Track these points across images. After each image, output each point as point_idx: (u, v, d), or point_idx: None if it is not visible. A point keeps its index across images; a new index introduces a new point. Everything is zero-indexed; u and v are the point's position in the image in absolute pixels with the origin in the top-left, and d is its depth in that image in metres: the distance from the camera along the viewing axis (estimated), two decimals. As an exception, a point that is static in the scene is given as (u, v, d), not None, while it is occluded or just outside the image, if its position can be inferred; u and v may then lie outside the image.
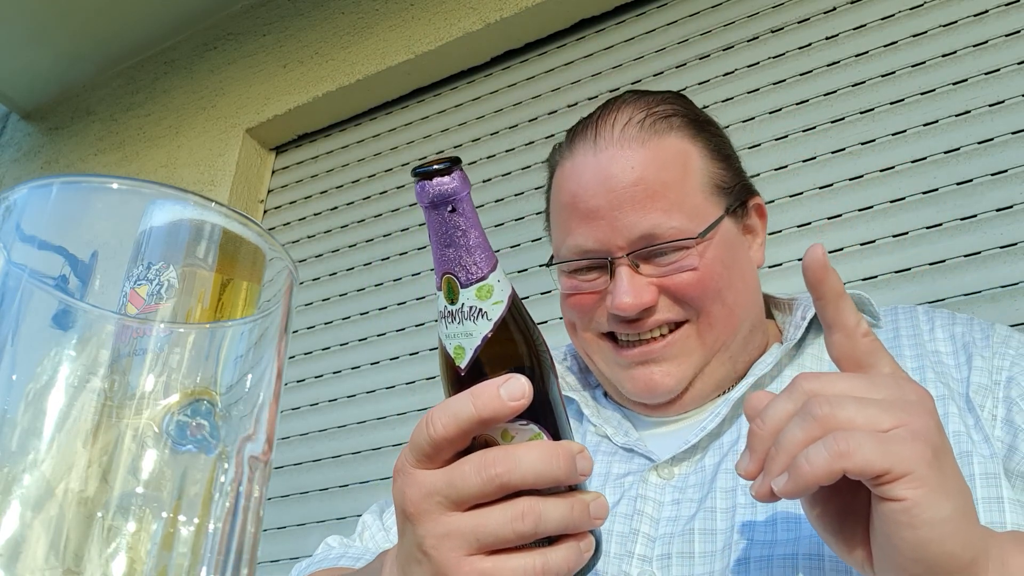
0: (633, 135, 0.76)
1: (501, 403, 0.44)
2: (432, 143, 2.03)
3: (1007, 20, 1.38)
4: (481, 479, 0.44)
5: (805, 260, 0.50)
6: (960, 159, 1.33)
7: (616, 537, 0.67)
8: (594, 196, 0.75)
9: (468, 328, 0.47)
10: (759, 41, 1.63)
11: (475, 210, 0.47)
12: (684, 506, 0.68)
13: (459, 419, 0.45)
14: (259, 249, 0.32)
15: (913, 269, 1.30)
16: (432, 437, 0.45)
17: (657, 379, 0.75)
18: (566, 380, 0.86)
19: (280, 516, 1.79)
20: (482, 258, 0.47)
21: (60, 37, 2.48)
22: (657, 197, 0.73)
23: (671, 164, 0.75)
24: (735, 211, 0.79)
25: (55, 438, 0.26)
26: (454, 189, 0.46)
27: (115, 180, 0.30)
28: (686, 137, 0.78)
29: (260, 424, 0.31)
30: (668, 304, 0.74)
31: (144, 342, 0.29)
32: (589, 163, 0.77)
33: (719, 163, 0.79)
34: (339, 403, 1.86)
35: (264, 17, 2.38)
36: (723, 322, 0.75)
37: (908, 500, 0.42)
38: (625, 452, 0.76)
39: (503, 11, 1.88)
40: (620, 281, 0.74)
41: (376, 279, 1.96)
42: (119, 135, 2.55)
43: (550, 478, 0.45)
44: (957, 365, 0.70)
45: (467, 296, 0.47)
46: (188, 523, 0.28)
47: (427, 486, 0.46)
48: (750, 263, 0.80)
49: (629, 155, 0.75)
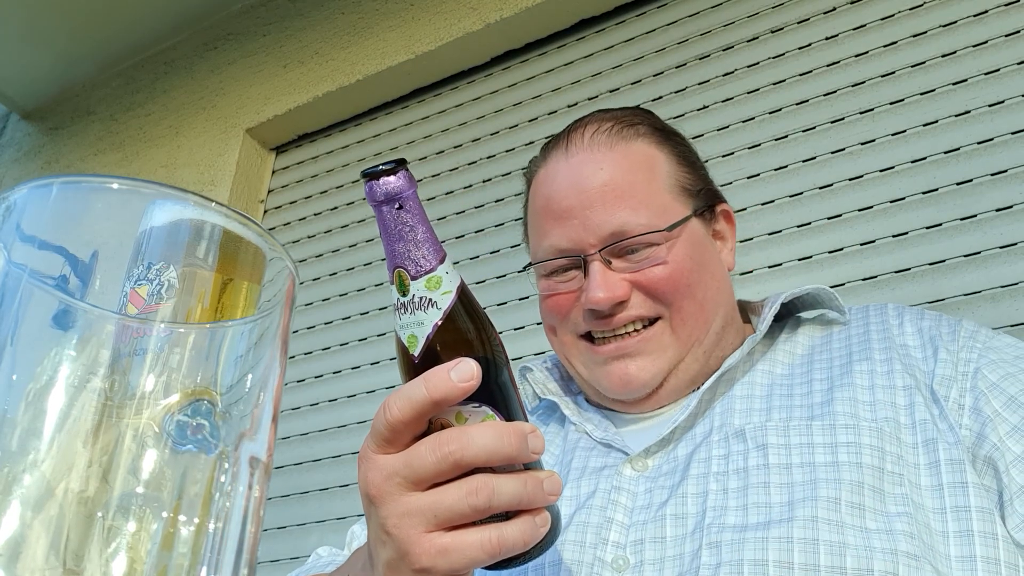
0: (602, 140, 0.81)
1: (451, 385, 0.47)
2: (432, 143, 2.03)
3: (1007, 20, 1.38)
4: (436, 457, 0.47)
5: None
6: (960, 159, 1.33)
7: (591, 528, 0.69)
8: (566, 197, 0.79)
9: (419, 318, 0.50)
10: (759, 41, 1.63)
11: (422, 207, 0.50)
12: (656, 494, 0.70)
13: (413, 402, 0.47)
14: (259, 249, 0.32)
15: (913, 269, 1.30)
16: (389, 421, 0.48)
17: (632, 373, 0.77)
18: (548, 386, 0.89)
19: (280, 516, 1.79)
20: (430, 251, 0.50)
21: (60, 37, 2.48)
22: (626, 196, 0.78)
23: (638, 166, 0.80)
24: (703, 214, 0.83)
25: (55, 438, 0.26)
26: (400, 187, 0.49)
27: (115, 180, 0.30)
28: (652, 144, 0.83)
29: (260, 424, 0.31)
30: (641, 299, 0.77)
31: (144, 342, 0.29)
32: (561, 167, 0.81)
33: (685, 168, 0.84)
34: (339, 403, 1.86)
35: (264, 17, 2.38)
36: (695, 317, 0.78)
37: None
38: (603, 447, 0.78)
39: (503, 11, 1.88)
40: (593, 277, 0.77)
41: (376, 279, 1.95)
42: (119, 135, 2.55)
43: (502, 455, 0.48)
44: (924, 358, 0.72)
45: (417, 287, 0.49)
46: (188, 523, 0.28)
47: (387, 468, 0.49)
48: (720, 265, 0.84)
49: (598, 157, 0.80)
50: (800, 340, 0.81)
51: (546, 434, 0.85)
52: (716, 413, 0.74)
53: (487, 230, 1.83)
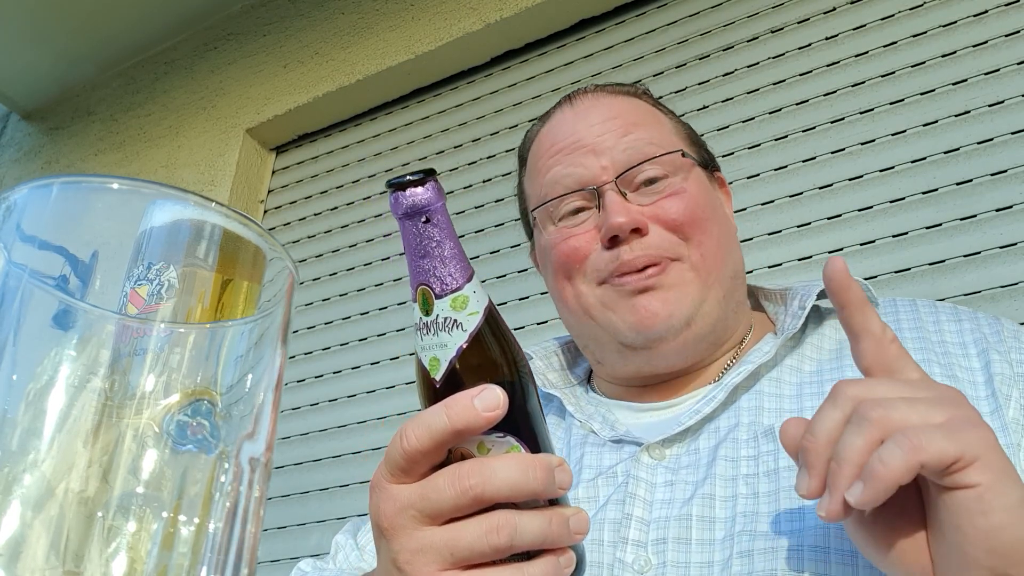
0: (606, 93, 0.83)
1: (475, 414, 0.43)
2: (432, 143, 2.03)
3: (1007, 20, 1.38)
4: (455, 491, 0.44)
5: (827, 271, 0.51)
6: (960, 159, 1.33)
7: (609, 524, 0.66)
8: (573, 132, 0.78)
9: (443, 339, 0.46)
10: (759, 41, 1.63)
11: (450, 221, 0.47)
12: (678, 488, 0.66)
13: (432, 431, 0.44)
14: (259, 249, 0.32)
15: (913, 269, 1.30)
16: (406, 450, 0.45)
17: (656, 308, 0.73)
18: (547, 377, 0.85)
19: (280, 516, 1.79)
20: (457, 269, 0.46)
21: (60, 37, 2.48)
22: (638, 125, 0.78)
23: (643, 112, 0.82)
24: (707, 169, 0.83)
25: (55, 438, 0.26)
26: (428, 199, 0.45)
27: (115, 180, 0.30)
28: (651, 104, 0.85)
29: (260, 424, 0.31)
30: (659, 234, 0.75)
31: (144, 342, 0.29)
32: (566, 116, 0.81)
33: (686, 130, 0.86)
34: (339, 403, 1.86)
35: (264, 17, 2.38)
36: (713, 254, 0.76)
37: (981, 486, 0.41)
38: (613, 443, 0.74)
39: (503, 11, 1.88)
40: (611, 204, 0.74)
41: (376, 279, 1.95)
42: (119, 135, 2.55)
43: (526, 491, 0.44)
44: (966, 355, 0.69)
45: (442, 307, 0.46)
46: (188, 523, 0.28)
47: (401, 500, 0.45)
48: (727, 217, 0.83)
49: (605, 102, 0.81)
50: (827, 333, 0.77)
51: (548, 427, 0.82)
52: (743, 408, 0.70)
53: (487, 230, 1.83)
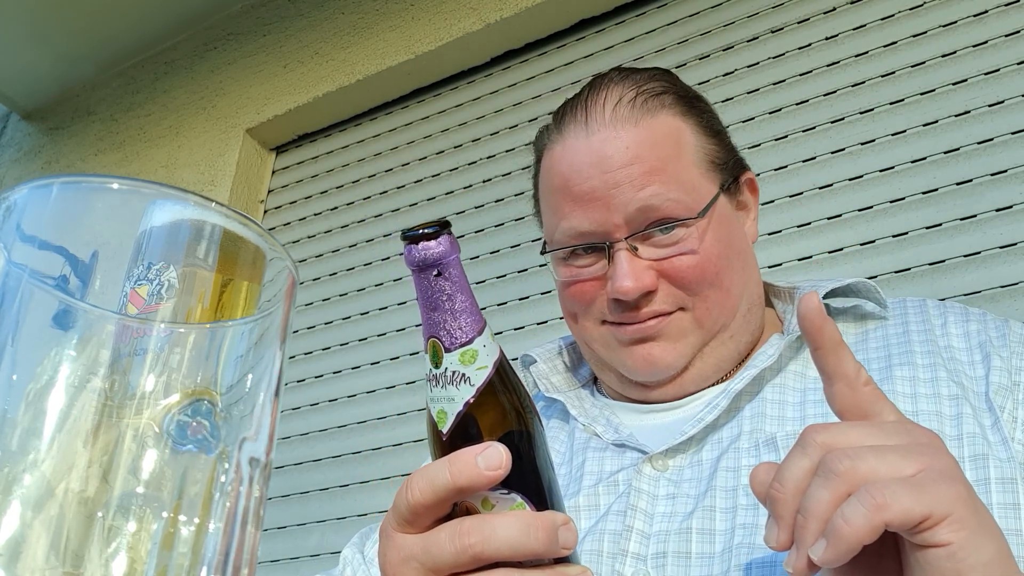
0: (625, 115, 0.75)
1: (477, 472, 0.43)
2: (432, 143, 2.03)
3: (1007, 20, 1.38)
4: (455, 548, 0.44)
5: (800, 309, 0.49)
6: (960, 159, 1.33)
7: (609, 536, 0.65)
8: (588, 179, 0.74)
9: (451, 393, 0.46)
10: (759, 41, 1.63)
11: (463, 273, 0.47)
12: (680, 502, 0.66)
13: (435, 486, 0.44)
14: (259, 249, 0.32)
15: (913, 269, 1.30)
16: (409, 503, 0.45)
17: (656, 354, 0.74)
18: (551, 381, 0.85)
19: (280, 516, 1.79)
20: (467, 322, 0.46)
21: (60, 37, 2.48)
22: (654, 172, 0.73)
23: (665, 142, 0.75)
24: (729, 188, 0.79)
25: (55, 438, 0.26)
26: (440, 253, 0.46)
27: (115, 180, 0.30)
28: (678, 115, 0.77)
29: (260, 424, 0.31)
30: (667, 289, 0.74)
31: (144, 342, 0.29)
32: (581, 146, 0.76)
33: (711, 139, 0.79)
34: (339, 403, 1.86)
35: (264, 17, 2.38)
36: (720, 305, 0.74)
37: (953, 544, 0.40)
38: (616, 448, 0.74)
39: (503, 11, 1.88)
40: (620, 265, 0.73)
41: (376, 279, 1.95)
42: (119, 135, 2.55)
43: (527, 550, 0.43)
44: (971, 363, 0.67)
45: (450, 361, 0.46)
46: (188, 523, 0.28)
47: (405, 550, 0.46)
48: (746, 240, 0.80)
49: (623, 135, 0.74)
50: None
51: (549, 429, 0.81)
52: (745, 416, 0.70)
53: (487, 230, 1.83)
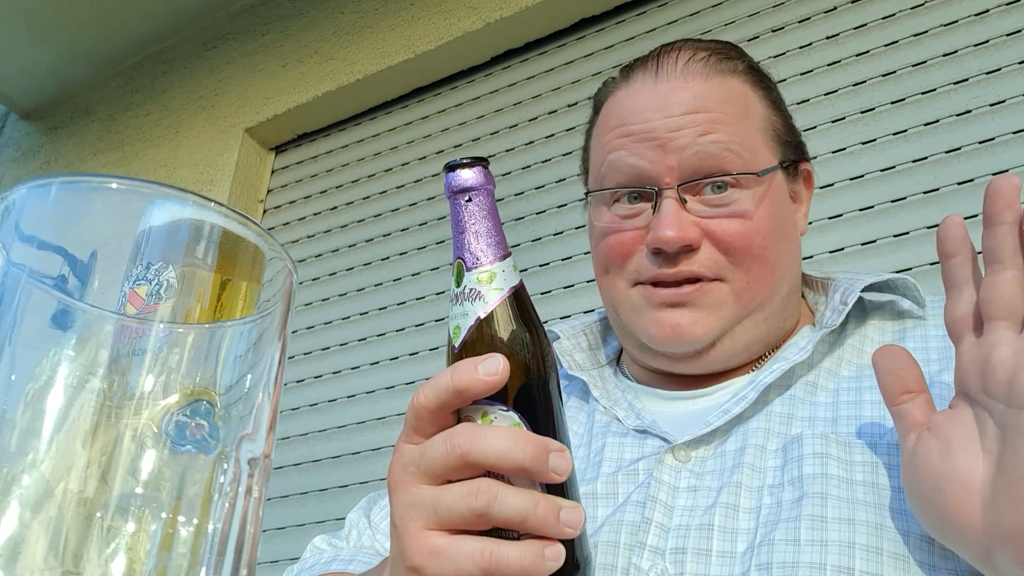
0: (697, 70, 0.73)
1: (475, 376, 0.45)
2: (432, 143, 2.03)
3: (1008, 19, 1.38)
4: (445, 449, 0.46)
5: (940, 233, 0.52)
6: (961, 159, 1.33)
7: (627, 527, 0.63)
8: (648, 118, 0.71)
9: (466, 309, 0.49)
10: (759, 41, 1.62)
11: (494, 206, 0.51)
12: (701, 495, 0.63)
13: (437, 390, 0.47)
14: (259, 249, 0.32)
15: (914, 269, 1.30)
16: (415, 407, 0.48)
17: (684, 325, 0.70)
18: (575, 358, 0.81)
19: (280, 516, 1.79)
20: (490, 247, 0.50)
21: (59, 37, 2.48)
22: (718, 122, 0.70)
23: (733, 100, 0.73)
24: (788, 168, 0.76)
25: (54, 438, 0.26)
26: (472, 182, 0.50)
27: (114, 180, 0.30)
28: (748, 83, 0.76)
29: (259, 424, 0.31)
30: (710, 251, 0.70)
31: (143, 342, 0.28)
32: (648, 90, 0.73)
33: (778, 114, 0.77)
34: (339, 403, 1.86)
35: (264, 17, 2.38)
36: (762, 282, 0.71)
37: None
38: (637, 434, 0.71)
39: (503, 11, 1.88)
40: (665, 213, 0.69)
41: (376, 279, 1.95)
42: (118, 135, 2.55)
43: (513, 461, 0.45)
44: None
45: (470, 279, 0.49)
46: (187, 523, 0.28)
47: (406, 457, 0.48)
48: (795, 228, 0.77)
49: (692, 86, 0.72)
50: (870, 335, 0.72)
51: (568, 408, 0.78)
52: (774, 415, 0.67)
53: (487, 230, 1.82)
